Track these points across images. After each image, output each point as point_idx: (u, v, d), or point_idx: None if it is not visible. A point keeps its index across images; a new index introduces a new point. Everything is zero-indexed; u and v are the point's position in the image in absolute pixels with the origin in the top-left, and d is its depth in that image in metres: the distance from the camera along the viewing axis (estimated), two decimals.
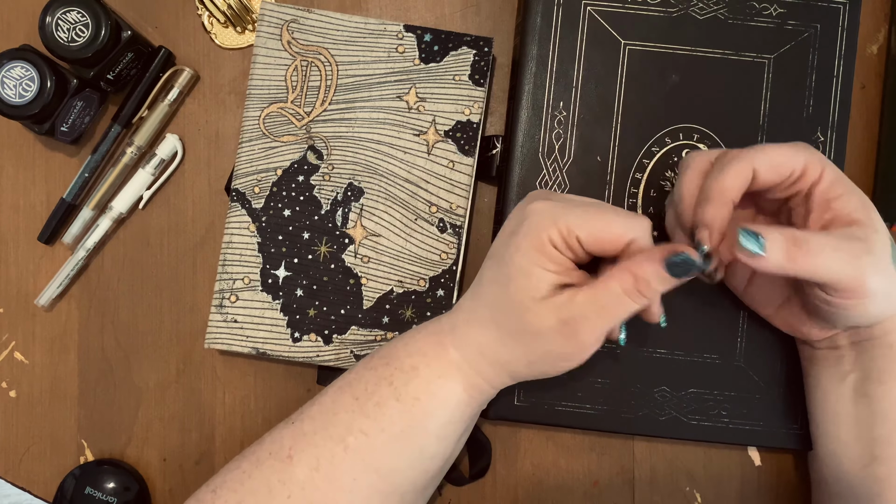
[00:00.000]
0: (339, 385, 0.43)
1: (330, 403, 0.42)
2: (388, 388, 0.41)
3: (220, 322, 0.50)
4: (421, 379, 0.41)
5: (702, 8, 0.49)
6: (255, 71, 0.50)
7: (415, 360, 0.42)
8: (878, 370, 0.42)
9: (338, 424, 0.41)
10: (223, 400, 0.52)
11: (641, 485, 0.52)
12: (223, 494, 0.41)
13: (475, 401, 0.42)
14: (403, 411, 0.41)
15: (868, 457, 0.43)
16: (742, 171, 0.40)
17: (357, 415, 0.41)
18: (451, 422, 0.41)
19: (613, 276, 0.39)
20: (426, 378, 0.41)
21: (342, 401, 0.42)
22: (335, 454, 0.40)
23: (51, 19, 0.48)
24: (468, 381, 0.41)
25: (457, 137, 0.50)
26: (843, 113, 0.49)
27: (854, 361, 0.43)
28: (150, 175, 0.52)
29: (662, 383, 0.49)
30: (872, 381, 0.42)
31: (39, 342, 0.53)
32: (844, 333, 0.43)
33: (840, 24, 0.49)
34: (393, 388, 0.41)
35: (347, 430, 0.41)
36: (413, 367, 0.41)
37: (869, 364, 0.42)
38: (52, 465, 0.53)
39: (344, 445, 0.40)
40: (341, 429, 0.41)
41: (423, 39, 0.50)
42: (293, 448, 0.41)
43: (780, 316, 0.46)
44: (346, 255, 0.50)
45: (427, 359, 0.42)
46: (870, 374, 0.42)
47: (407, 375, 0.41)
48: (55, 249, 0.53)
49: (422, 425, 0.41)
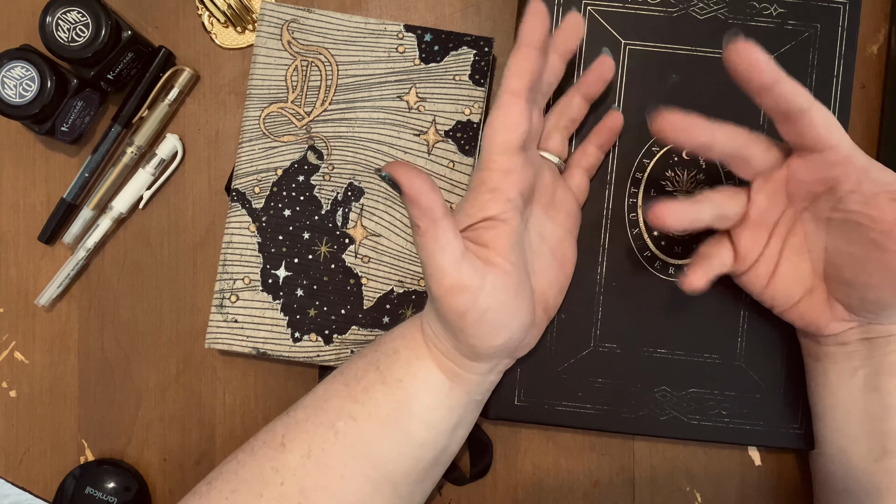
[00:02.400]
0: (332, 375, 0.44)
1: (322, 391, 0.43)
2: (375, 371, 0.42)
3: (220, 322, 0.50)
4: (402, 361, 0.42)
5: (702, 8, 0.49)
6: (255, 71, 0.50)
7: (397, 343, 0.42)
8: (891, 364, 0.42)
9: (328, 410, 0.41)
10: (223, 400, 0.52)
11: (641, 485, 0.52)
12: (218, 485, 0.41)
13: (458, 386, 0.42)
14: (388, 393, 0.41)
15: (879, 451, 0.42)
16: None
17: (347, 400, 0.41)
18: (436, 406, 0.41)
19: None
20: (406, 359, 0.42)
21: (333, 388, 0.42)
22: (326, 440, 0.41)
23: (51, 19, 0.48)
24: (439, 362, 0.42)
25: (457, 137, 0.50)
26: (843, 113, 0.49)
27: (864, 357, 0.43)
28: (150, 175, 0.52)
29: (662, 383, 0.49)
30: (884, 374, 0.42)
31: (39, 342, 0.53)
32: (857, 329, 0.43)
33: (840, 24, 0.49)
34: (379, 372, 0.42)
35: (337, 415, 0.41)
36: (395, 351, 0.42)
37: (881, 358, 0.42)
38: (52, 465, 0.53)
39: (334, 431, 0.41)
40: (331, 414, 0.41)
41: (423, 39, 0.50)
42: (286, 436, 0.41)
43: (798, 310, 0.44)
44: (347, 255, 0.50)
45: (405, 340, 0.42)
46: (882, 367, 0.42)
47: (390, 359, 0.42)
48: (55, 249, 0.53)
49: (406, 408, 0.41)
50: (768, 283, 0.45)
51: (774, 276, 0.44)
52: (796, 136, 0.40)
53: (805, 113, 0.39)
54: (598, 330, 0.49)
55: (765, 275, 0.44)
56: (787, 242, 0.44)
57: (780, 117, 0.40)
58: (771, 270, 0.44)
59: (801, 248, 0.44)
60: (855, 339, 0.43)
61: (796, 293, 0.44)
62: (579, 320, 0.49)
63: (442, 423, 0.42)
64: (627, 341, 0.49)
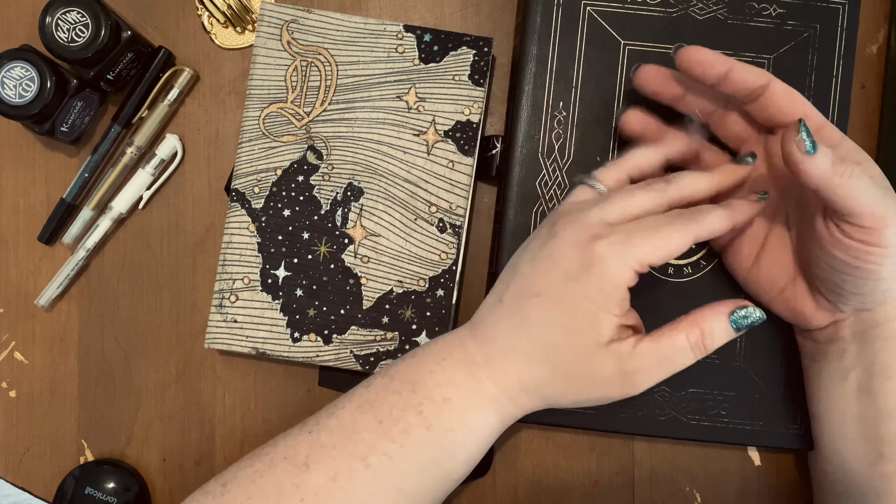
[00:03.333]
0: (357, 402, 0.42)
1: (350, 421, 0.41)
2: (417, 416, 0.40)
3: (219, 322, 0.50)
4: (454, 411, 0.40)
5: (701, 8, 0.49)
6: (255, 71, 0.50)
7: (445, 390, 0.41)
8: (882, 365, 0.42)
9: (359, 443, 0.40)
10: (223, 400, 0.52)
11: (641, 485, 0.52)
12: (233, 489, 0.41)
13: (504, 424, 0.42)
14: (434, 440, 0.40)
15: (875, 454, 0.42)
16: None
17: (381, 437, 0.40)
18: (481, 450, 0.41)
19: (680, 330, 0.40)
20: (460, 410, 0.40)
21: (363, 421, 0.41)
22: (355, 470, 0.40)
23: (51, 19, 0.48)
24: (504, 411, 0.41)
25: (456, 137, 0.50)
26: (843, 113, 0.49)
27: (857, 357, 0.43)
28: (150, 175, 0.52)
29: (662, 383, 0.49)
30: (876, 377, 0.42)
31: (39, 342, 0.53)
32: (847, 322, 0.43)
33: (839, 24, 0.49)
34: (423, 418, 0.40)
35: (370, 450, 0.40)
36: (445, 399, 0.40)
37: (872, 359, 0.42)
38: (52, 465, 0.53)
39: (365, 464, 0.40)
40: (362, 447, 0.40)
41: (422, 39, 0.50)
42: (310, 457, 0.40)
43: (782, 299, 0.45)
44: (346, 255, 0.50)
45: (460, 391, 0.41)
46: (873, 370, 0.42)
47: (438, 407, 0.40)
48: (55, 249, 0.53)
49: (451, 454, 0.40)
50: (752, 265, 0.46)
51: (759, 258, 0.46)
52: (763, 111, 0.43)
53: (765, 88, 0.42)
54: None
55: (749, 256, 0.46)
56: (772, 227, 0.45)
57: (748, 99, 0.43)
58: (756, 252, 0.46)
59: (784, 234, 0.45)
60: (846, 336, 0.43)
61: (781, 280, 0.45)
62: None
63: (479, 457, 0.42)
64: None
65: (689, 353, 0.40)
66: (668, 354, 0.39)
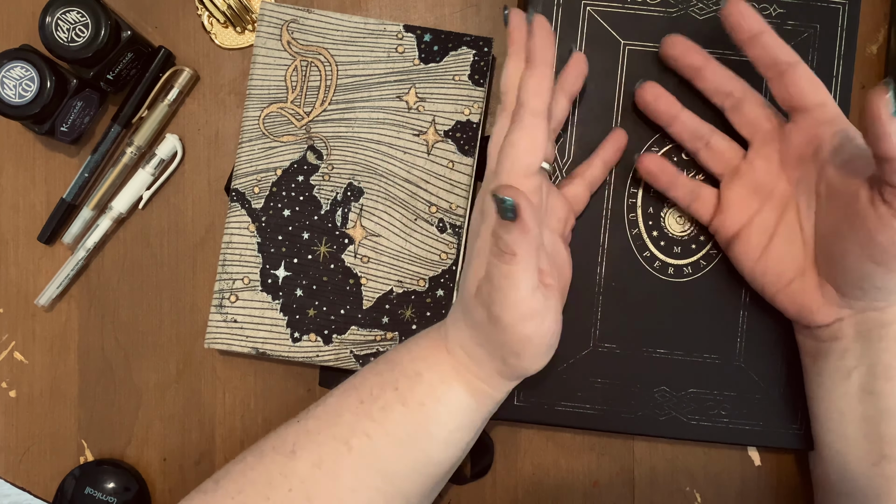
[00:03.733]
0: (344, 388, 0.43)
1: (335, 405, 0.42)
2: (394, 392, 0.41)
3: (219, 322, 0.50)
4: (425, 384, 0.41)
5: (702, 8, 0.49)
6: (255, 71, 0.50)
7: (418, 365, 0.42)
8: (885, 366, 0.42)
9: (342, 425, 0.41)
10: (223, 400, 0.53)
11: (641, 485, 0.52)
12: (225, 484, 0.41)
13: (484, 406, 0.42)
14: (408, 415, 0.41)
15: (876, 455, 0.42)
16: None
17: (362, 417, 0.41)
18: (458, 428, 0.42)
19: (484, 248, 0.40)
20: (430, 383, 0.41)
21: (347, 403, 0.42)
22: (339, 453, 0.41)
23: (51, 19, 0.48)
24: (469, 385, 0.42)
25: (456, 137, 0.50)
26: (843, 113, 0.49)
27: (859, 356, 0.43)
28: (150, 175, 0.52)
29: (662, 383, 0.49)
30: (878, 377, 0.42)
31: (39, 342, 0.53)
32: (850, 321, 0.43)
33: (839, 24, 0.49)
34: (398, 394, 0.41)
35: (351, 431, 0.41)
36: (417, 373, 0.42)
37: (875, 359, 0.42)
38: (52, 465, 0.53)
39: (348, 446, 0.41)
40: (345, 429, 0.41)
41: (422, 39, 0.50)
42: (296, 444, 0.41)
43: (788, 292, 0.45)
44: (346, 255, 0.50)
45: (428, 363, 0.42)
46: (875, 370, 0.42)
47: (411, 381, 0.41)
48: (55, 249, 0.53)
49: (427, 430, 0.41)
50: (760, 257, 0.45)
51: (768, 249, 0.45)
52: (786, 92, 0.43)
53: (792, 67, 0.43)
54: (598, 330, 0.49)
55: (757, 246, 0.45)
56: (782, 218, 0.45)
57: (770, 73, 0.43)
58: (764, 243, 0.45)
59: (795, 226, 0.45)
60: (849, 334, 0.43)
61: (788, 272, 0.45)
62: (579, 320, 0.49)
63: (461, 442, 0.42)
64: (627, 341, 0.49)
65: (500, 264, 0.38)
66: (492, 276, 0.39)
